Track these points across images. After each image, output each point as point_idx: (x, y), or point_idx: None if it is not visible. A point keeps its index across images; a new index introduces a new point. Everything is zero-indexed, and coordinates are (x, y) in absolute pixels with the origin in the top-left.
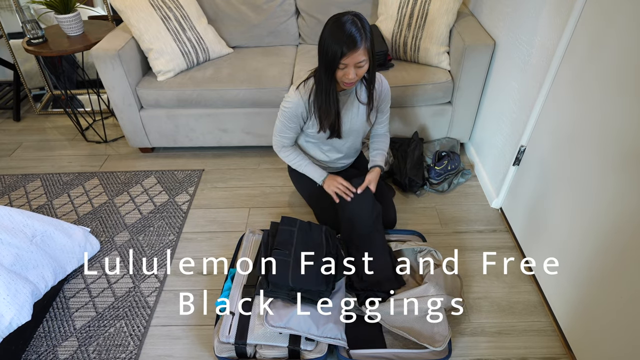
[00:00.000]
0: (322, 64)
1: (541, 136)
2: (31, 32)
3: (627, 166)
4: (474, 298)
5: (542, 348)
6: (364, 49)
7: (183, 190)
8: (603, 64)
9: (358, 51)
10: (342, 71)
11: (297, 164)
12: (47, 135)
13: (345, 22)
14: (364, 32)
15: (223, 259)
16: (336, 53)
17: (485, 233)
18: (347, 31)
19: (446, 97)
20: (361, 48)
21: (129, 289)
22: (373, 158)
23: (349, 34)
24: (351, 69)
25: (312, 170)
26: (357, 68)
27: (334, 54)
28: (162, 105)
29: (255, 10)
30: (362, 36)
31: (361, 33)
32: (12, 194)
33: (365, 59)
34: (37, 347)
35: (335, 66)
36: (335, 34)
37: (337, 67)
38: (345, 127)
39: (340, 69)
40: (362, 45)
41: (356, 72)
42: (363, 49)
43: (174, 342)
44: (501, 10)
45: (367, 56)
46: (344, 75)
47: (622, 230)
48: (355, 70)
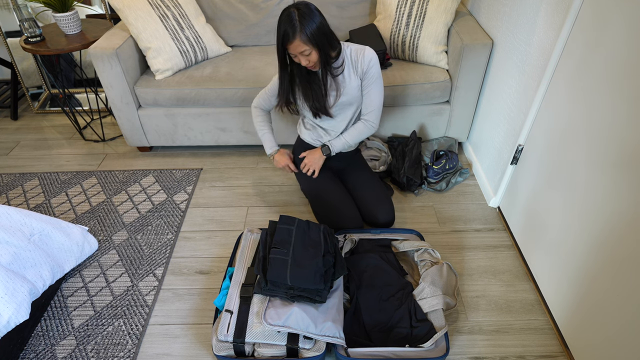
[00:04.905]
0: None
1: (539, 135)
2: (29, 31)
3: (624, 165)
4: (472, 297)
5: (539, 346)
6: (299, 40)
7: (181, 189)
8: (600, 63)
9: (295, 41)
10: (295, 58)
11: (259, 126)
12: (44, 134)
13: (281, 17)
14: (300, 24)
15: (221, 257)
16: (282, 41)
17: (483, 232)
18: (285, 22)
19: (444, 97)
20: (297, 39)
21: (127, 287)
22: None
23: (287, 25)
24: (301, 57)
25: (266, 140)
26: (304, 56)
27: (280, 41)
28: (160, 104)
29: (254, 9)
30: (298, 28)
31: (297, 25)
32: (10, 193)
33: (307, 48)
34: (35, 346)
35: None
36: (279, 24)
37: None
38: (330, 102)
39: (293, 57)
40: (298, 36)
41: (306, 59)
42: (299, 40)
43: (172, 341)
44: (499, 9)
45: (308, 45)
46: (298, 61)
47: (619, 229)
48: (303, 58)
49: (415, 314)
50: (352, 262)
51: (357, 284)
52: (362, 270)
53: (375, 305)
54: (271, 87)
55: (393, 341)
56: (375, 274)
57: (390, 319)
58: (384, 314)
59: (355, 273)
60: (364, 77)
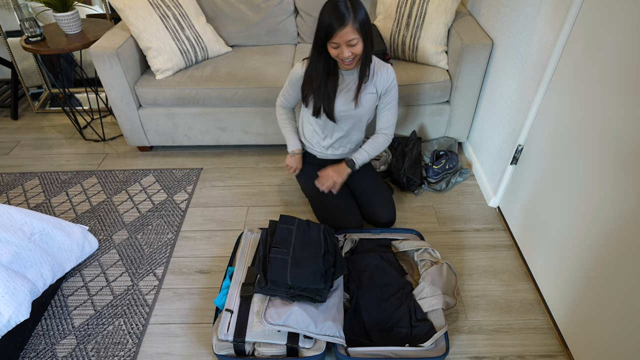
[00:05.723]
0: (315, 41)
1: (538, 135)
2: (29, 30)
3: (625, 165)
4: (472, 296)
5: (539, 346)
6: (351, 27)
7: (181, 189)
8: (600, 63)
9: (346, 29)
10: (336, 50)
11: (282, 124)
12: (45, 134)
13: (327, 6)
14: (353, 12)
15: (221, 257)
16: (327, 30)
17: (483, 232)
18: (336, 10)
19: (444, 97)
20: (348, 26)
21: (127, 287)
22: (354, 153)
23: (338, 13)
24: (344, 48)
25: (288, 138)
26: (350, 47)
27: (325, 30)
28: (161, 103)
29: (254, 9)
30: (350, 15)
31: (349, 12)
32: (10, 193)
33: (355, 37)
34: (35, 345)
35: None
36: (326, 13)
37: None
38: (338, 108)
39: (333, 48)
40: (350, 23)
41: (350, 50)
42: (351, 27)
43: (173, 340)
44: (499, 9)
45: (357, 35)
46: (339, 53)
47: (618, 229)
48: (348, 48)
49: (415, 313)
50: (352, 262)
51: (357, 283)
52: (362, 270)
53: (375, 304)
54: (289, 82)
55: (393, 340)
56: (375, 273)
57: (390, 319)
58: (384, 313)
59: (355, 273)
60: (384, 94)
